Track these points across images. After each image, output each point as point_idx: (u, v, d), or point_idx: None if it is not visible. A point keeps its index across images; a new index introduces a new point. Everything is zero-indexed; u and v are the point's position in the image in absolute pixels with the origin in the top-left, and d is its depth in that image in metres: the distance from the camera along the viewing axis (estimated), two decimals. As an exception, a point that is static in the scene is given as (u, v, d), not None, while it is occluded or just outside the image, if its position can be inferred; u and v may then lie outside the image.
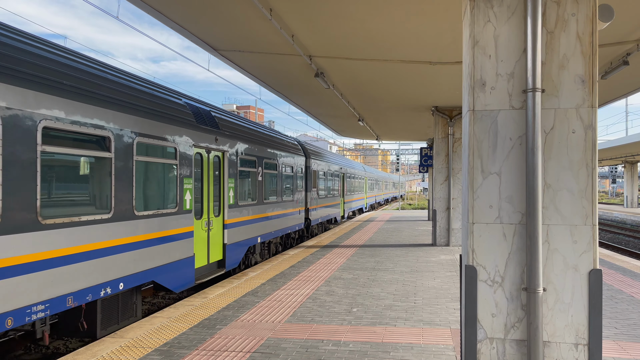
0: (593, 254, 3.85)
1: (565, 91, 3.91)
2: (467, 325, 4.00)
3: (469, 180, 4.05)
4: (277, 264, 11.86)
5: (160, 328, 6.60)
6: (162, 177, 8.12)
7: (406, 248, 14.84)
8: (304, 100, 15.15)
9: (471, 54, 4.04)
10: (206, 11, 7.44)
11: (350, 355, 5.49)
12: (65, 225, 5.89)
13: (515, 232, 3.97)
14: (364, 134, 26.22)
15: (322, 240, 16.96)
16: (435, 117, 15.80)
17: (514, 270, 3.96)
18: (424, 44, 8.91)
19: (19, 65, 5.35)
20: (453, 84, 12.21)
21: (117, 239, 6.88)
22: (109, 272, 6.69)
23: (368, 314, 7.29)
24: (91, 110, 6.39)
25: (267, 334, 6.33)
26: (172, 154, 8.42)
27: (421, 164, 22.65)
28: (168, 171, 8.28)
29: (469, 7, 4.07)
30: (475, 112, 4.03)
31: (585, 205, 3.87)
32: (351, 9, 7.22)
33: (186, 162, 8.85)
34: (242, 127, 12.00)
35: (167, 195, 8.24)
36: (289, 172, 15.96)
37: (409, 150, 65.33)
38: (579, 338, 3.86)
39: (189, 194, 8.96)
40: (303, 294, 8.58)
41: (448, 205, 15.66)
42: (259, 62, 10.45)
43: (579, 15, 3.88)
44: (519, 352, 3.95)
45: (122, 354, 5.56)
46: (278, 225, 14.49)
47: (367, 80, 11.95)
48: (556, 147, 3.91)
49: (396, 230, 20.78)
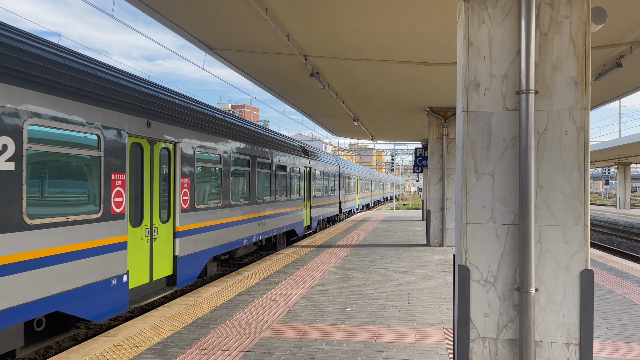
0: (585, 254, 3.88)
1: (558, 93, 3.94)
2: (460, 325, 4.02)
3: (462, 180, 4.08)
4: (271, 263, 11.86)
5: (154, 327, 6.59)
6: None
7: (400, 248, 14.88)
8: (299, 99, 15.16)
9: (465, 55, 4.06)
10: (202, 10, 7.44)
11: (344, 355, 5.50)
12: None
13: (508, 232, 3.99)
14: (359, 134, 26.25)
15: (317, 240, 16.97)
16: (430, 118, 15.84)
17: (507, 271, 3.99)
18: (419, 45, 8.94)
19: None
20: (448, 84, 12.25)
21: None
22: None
23: (362, 313, 7.31)
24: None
25: (261, 333, 6.33)
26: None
27: (415, 164, 22.69)
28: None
29: (463, 8, 4.09)
30: (469, 113, 4.06)
31: (577, 206, 3.90)
32: (347, 9, 7.24)
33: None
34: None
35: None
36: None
37: (403, 150, 65.47)
38: (571, 338, 3.89)
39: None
40: (297, 294, 8.59)
41: (442, 206, 15.71)
42: (254, 62, 10.45)
43: (572, 18, 3.91)
44: (511, 351, 3.97)
45: (115, 353, 5.55)
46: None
47: (363, 80, 11.97)
48: (549, 149, 3.94)
49: (390, 230, 20.83)
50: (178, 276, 8.65)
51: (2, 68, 5.18)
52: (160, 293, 8.15)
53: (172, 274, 8.60)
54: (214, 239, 10.20)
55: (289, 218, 16.41)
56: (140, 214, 7.76)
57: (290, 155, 16.51)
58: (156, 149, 8.17)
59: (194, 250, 9.28)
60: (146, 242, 7.88)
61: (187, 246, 9.03)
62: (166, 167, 8.50)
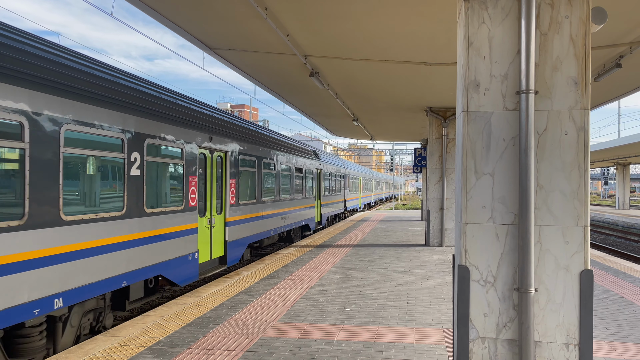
0: (584, 254, 3.88)
1: (558, 93, 3.94)
2: (460, 325, 4.02)
3: (462, 180, 4.07)
4: (270, 263, 11.85)
5: (153, 327, 6.58)
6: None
7: (399, 248, 14.88)
8: (299, 99, 15.15)
9: (465, 55, 4.06)
10: (201, 9, 7.43)
11: (343, 355, 5.50)
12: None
13: (507, 232, 3.99)
14: (359, 134, 26.25)
15: (316, 239, 16.96)
16: (430, 118, 15.84)
17: (506, 271, 3.99)
18: (419, 45, 8.94)
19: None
20: (447, 84, 12.25)
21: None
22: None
23: (361, 313, 7.31)
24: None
25: (260, 333, 6.33)
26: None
27: (415, 165, 22.70)
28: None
29: (463, 8, 4.09)
30: (469, 113, 4.05)
31: (577, 206, 3.90)
32: (346, 8, 7.24)
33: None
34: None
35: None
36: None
37: (402, 150, 65.48)
38: (570, 338, 3.89)
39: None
40: (296, 293, 8.58)
41: (441, 206, 15.71)
42: (254, 61, 10.44)
43: (573, 18, 3.91)
44: (510, 351, 3.97)
45: (114, 353, 5.54)
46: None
47: (362, 80, 11.97)
48: (549, 149, 3.94)
49: (390, 230, 20.83)
50: (228, 257, 10.96)
51: (148, 110, 7.81)
52: (217, 269, 10.37)
53: (224, 255, 10.91)
54: (250, 229, 12.56)
55: (304, 214, 18.90)
56: (204, 207, 9.95)
57: (305, 159, 19.08)
58: (214, 157, 10.46)
59: (237, 237, 11.58)
60: (208, 229, 10.15)
61: (234, 234, 11.34)
62: (219, 171, 10.76)
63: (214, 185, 10.38)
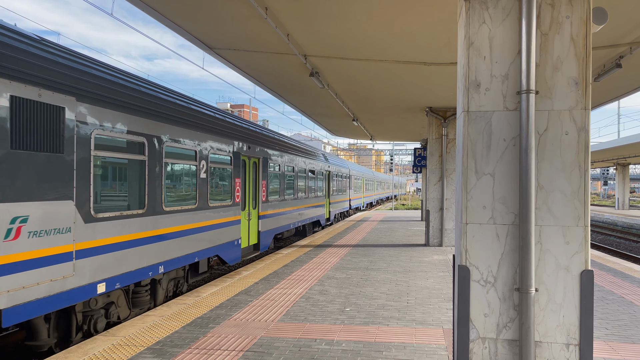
0: (585, 255, 3.88)
1: (558, 93, 3.93)
2: (460, 325, 4.02)
3: (462, 180, 4.07)
4: (270, 263, 11.85)
5: (153, 326, 6.58)
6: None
7: (399, 248, 14.88)
8: (299, 99, 15.15)
9: (466, 55, 4.06)
10: (201, 9, 7.43)
11: (343, 355, 5.50)
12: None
13: (508, 232, 3.99)
14: (358, 134, 26.24)
15: (316, 239, 16.96)
16: (429, 118, 15.84)
17: (507, 271, 3.99)
18: (419, 45, 8.94)
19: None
20: (447, 84, 12.25)
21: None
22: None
23: (361, 313, 7.31)
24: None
25: (260, 332, 6.33)
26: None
27: (415, 165, 22.69)
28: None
29: (464, 8, 4.09)
30: (470, 113, 4.05)
31: (577, 207, 3.90)
32: (347, 8, 7.23)
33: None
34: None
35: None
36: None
37: (402, 150, 65.49)
38: (570, 338, 3.89)
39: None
40: (296, 293, 8.58)
41: (441, 206, 15.71)
42: (254, 61, 10.44)
43: (573, 18, 3.91)
44: (510, 352, 3.97)
45: (114, 352, 5.54)
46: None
47: (362, 80, 11.96)
48: (549, 149, 3.94)
49: (389, 230, 20.83)
50: (260, 244, 13.31)
51: (211, 128, 10.11)
52: (252, 254, 12.66)
53: (257, 242, 13.22)
54: (276, 222, 14.89)
55: (316, 211, 21.28)
56: (244, 203, 12.18)
57: (317, 161, 21.49)
58: (251, 162, 12.72)
59: (267, 228, 13.95)
60: (247, 220, 12.40)
61: (265, 225, 13.71)
62: (254, 173, 13.03)
63: (251, 185, 12.70)
